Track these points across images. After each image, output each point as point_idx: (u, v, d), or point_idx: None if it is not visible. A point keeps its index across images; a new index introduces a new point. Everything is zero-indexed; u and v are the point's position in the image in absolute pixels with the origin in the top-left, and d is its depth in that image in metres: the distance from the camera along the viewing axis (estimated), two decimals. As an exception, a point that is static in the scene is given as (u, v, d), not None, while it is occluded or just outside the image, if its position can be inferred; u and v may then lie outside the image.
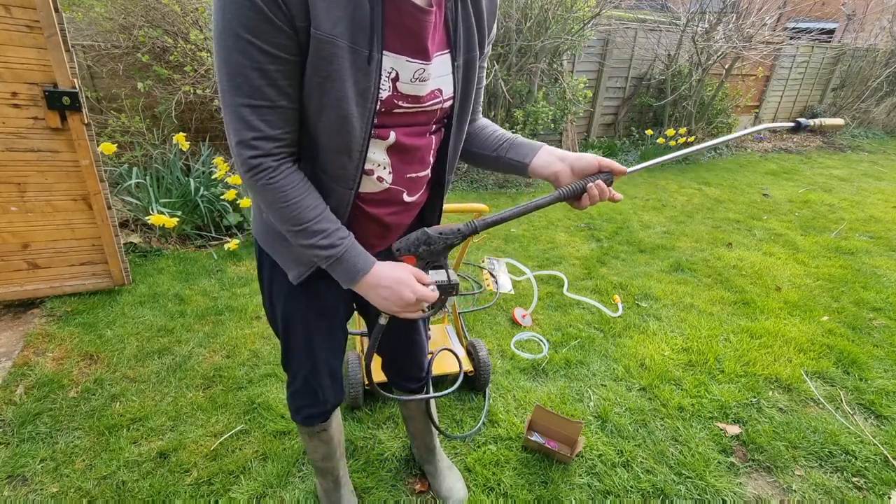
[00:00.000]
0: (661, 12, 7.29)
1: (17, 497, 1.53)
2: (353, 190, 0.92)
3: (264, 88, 0.77)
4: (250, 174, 0.84)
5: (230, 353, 2.22)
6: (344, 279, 0.93)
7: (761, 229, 4.09)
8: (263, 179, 0.84)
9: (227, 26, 0.73)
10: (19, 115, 2.12)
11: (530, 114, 4.64)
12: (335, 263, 0.91)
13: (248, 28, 0.73)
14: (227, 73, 0.77)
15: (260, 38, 0.73)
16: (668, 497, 1.64)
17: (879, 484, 1.71)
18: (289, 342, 1.17)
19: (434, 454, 1.64)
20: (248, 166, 0.83)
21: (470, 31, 0.92)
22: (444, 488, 1.59)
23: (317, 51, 0.77)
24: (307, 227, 0.88)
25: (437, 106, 0.93)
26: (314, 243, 0.89)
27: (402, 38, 0.83)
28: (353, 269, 0.92)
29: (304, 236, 0.88)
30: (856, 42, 8.78)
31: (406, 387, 1.44)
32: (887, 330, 2.64)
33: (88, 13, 3.43)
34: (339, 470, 1.47)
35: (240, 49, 0.74)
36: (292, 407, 1.30)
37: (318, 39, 0.76)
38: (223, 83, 0.78)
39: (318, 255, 0.90)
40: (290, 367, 1.23)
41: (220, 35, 0.74)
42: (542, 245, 3.59)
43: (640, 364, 2.29)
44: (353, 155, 0.88)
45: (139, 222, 3.26)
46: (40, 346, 2.18)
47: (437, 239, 0.95)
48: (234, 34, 0.73)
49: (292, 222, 0.87)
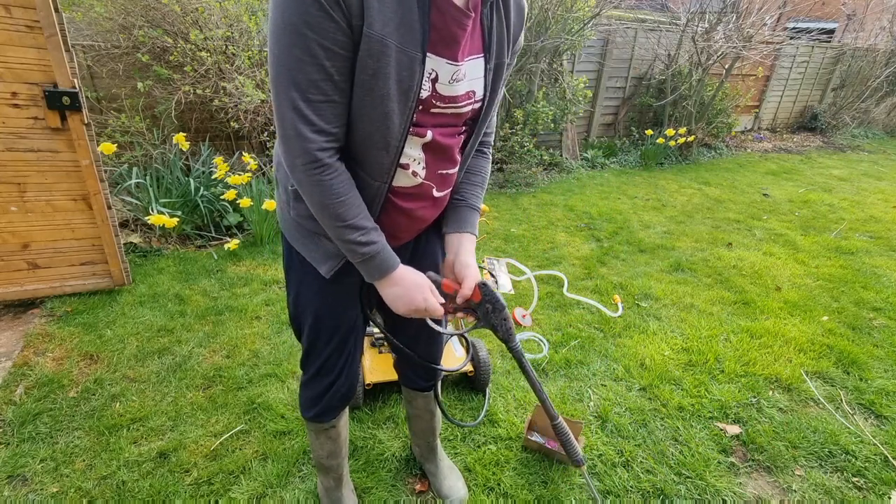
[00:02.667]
0: (661, 12, 7.29)
1: (17, 497, 1.53)
2: (387, 183, 0.97)
3: (321, 83, 0.81)
4: (309, 167, 0.86)
5: (230, 353, 2.22)
6: (372, 274, 0.99)
7: (761, 229, 4.09)
8: (319, 175, 0.87)
9: (288, 22, 0.76)
10: (19, 115, 2.12)
11: (530, 114, 4.64)
12: (369, 259, 0.96)
13: (309, 24, 0.76)
14: (286, 67, 0.79)
15: (320, 35, 0.77)
16: (668, 497, 1.64)
17: (879, 484, 1.71)
18: (317, 337, 1.18)
19: (435, 453, 1.64)
20: (310, 158, 0.85)
21: (501, 37, 0.97)
22: (444, 487, 1.60)
23: (367, 49, 0.80)
24: (351, 223, 0.92)
25: (469, 107, 0.98)
26: (354, 239, 0.94)
27: (444, 41, 0.87)
28: (383, 266, 0.98)
29: (347, 231, 0.93)
30: (856, 42, 8.77)
31: (417, 384, 1.46)
32: (887, 330, 2.64)
33: (88, 13, 3.42)
34: (342, 469, 1.48)
35: (300, 45, 0.77)
36: (305, 403, 1.30)
37: (370, 38, 0.79)
38: (280, 78, 0.80)
39: (355, 251, 0.95)
40: (311, 362, 1.24)
41: (279, 31, 0.77)
42: (542, 245, 3.59)
43: (640, 364, 2.29)
44: (390, 150, 0.92)
45: (139, 222, 3.26)
46: (40, 346, 2.18)
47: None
48: (294, 30, 0.76)
49: (339, 218, 0.92)
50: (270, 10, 0.79)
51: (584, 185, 5.09)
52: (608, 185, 5.17)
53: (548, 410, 1.24)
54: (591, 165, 5.82)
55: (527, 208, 4.33)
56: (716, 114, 6.50)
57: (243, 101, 3.43)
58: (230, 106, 3.53)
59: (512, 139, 4.74)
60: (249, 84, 3.39)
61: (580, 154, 5.97)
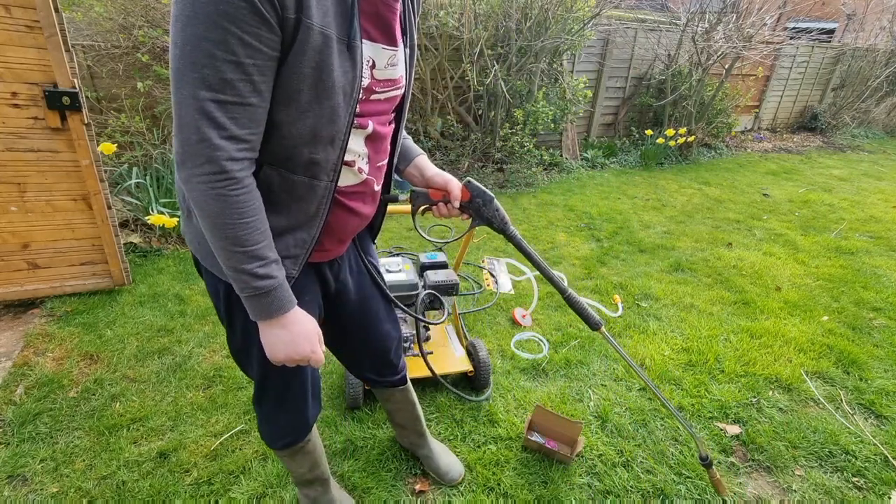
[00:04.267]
0: (661, 12, 7.29)
1: (17, 497, 1.53)
2: (333, 182, 0.91)
3: (237, 83, 0.72)
4: (213, 179, 0.75)
5: (230, 353, 2.22)
6: (262, 311, 0.86)
7: (761, 229, 4.09)
8: (224, 189, 0.76)
9: (202, 11, 0.67)
10: (19, 115, 2.12)
11: (530, 114, 4.64)
12: (262, 295, 0.85)
13: (227, 16, 0.67)
14: (192, 62, 0.69)
15: (241, 28, 0.68)
16: (668, 497, 1.64)
17: (879, 484, 1.71)
18: (271, 368, 1.02)
19: (426, 438, 1.67)
20: (215, 169, 0.75)
21: (411, 20, 0.99)
22: (442, 465, 1.63)
23: (307, 41, 0.74)
24: (250, 251, 0.81)
25: (399, 92, 0.98)
26: (251, 269, 0.82)
27: (377, 27, 0.87)
28: (275, 305, 0.86)
29: (245, 260, 0.81)
30: (856, 42, 8.77)
31: (388, 381, 1.45)
32: (887, 330, 2.64)
33: (88, 13, 3.43)
34: (327, 472, 1.45)
35: (214, 38, 0.68)
36: (272, 436, 1.24)
37: (310, 29, 0.74)
38: (184, 73, 0.70)
39: (247, 282, 0.83)
40: (268, 395, 1.16)
41: (188, 19, 0.68)
42: (542, 245, 3.59)
43: (640, 364, 2.29)
44: (335, 145, 0.87)
45: (139, 222, 3.26)
46: (40, 346, 2.18)
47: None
48: (209, 21, 0.67)
49: (238, 243, 0.80)
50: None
51: (584, 185, 5.09)
52: (608, 185, 5.17)
53: (556, 285, 1.29)
54: (591, 165, 5.82)
55: (527, 208, 4.33)
56: (716, 114, 6.50)
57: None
58: (230, 106, 3.52)
59: (512, 139, 4.74)
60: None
61: (580, 154, 5.97)
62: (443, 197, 1.17)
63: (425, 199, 1.18)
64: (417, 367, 1.91)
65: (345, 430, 1.82)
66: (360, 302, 1.24)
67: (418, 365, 1.91)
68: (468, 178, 1.16)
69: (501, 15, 4.48)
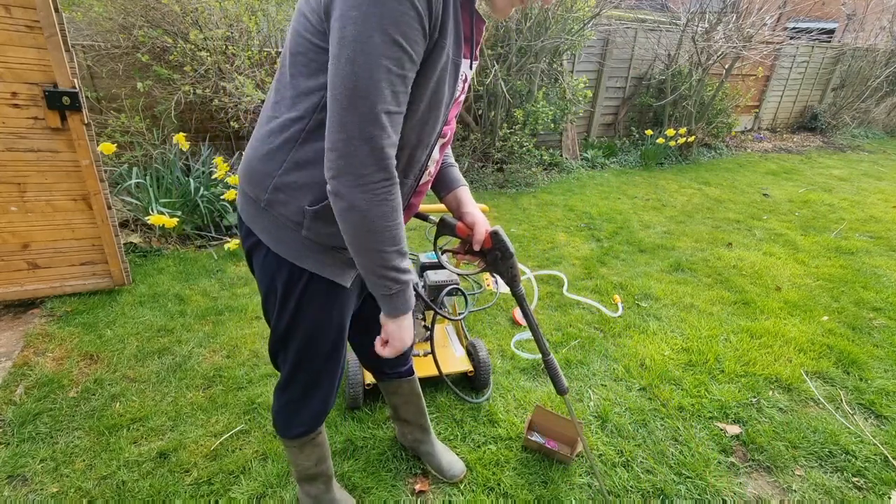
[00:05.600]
0: (661, 12, 7.29)
1: (17, 497, 1.53)
2: (417, 181, 1.00)
3: (401, 95, 0.79)
4: (382, 185, 0.82)
5: (230, 353, 2.22)
6: (396, 307, 0.95)
7: (761, 229, 4.09)
8: (388, 193, 0.83)
9: (378, 26, 0.72)
10: (19, 115, 2.12)
11: (530, 114, 4.64)
12: (401, 292, 0.93)
13: (403, 34, 0.73)
14: (370, 76, 0.74)
15: (411, 45, 0.75)
16: (668, 497, 1.64)
17: (879, 484, 1.71)
18: (313, 355, 1.13)
19: (429, 434, 1.68)
20: (386, 175, 0.82)
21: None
22: (444, 463, 1.65)
23: (438, 61, 0.82)
24: (401, 248, 0.89)
25: (463, 97, 1.03)
26: (399, 265, 0.90)
27: (468, 44, 0.93)
28: (409, 301, 0.96)
29: (396, 257, 0.89)
30: (856, 42, 8.77)
31: (397, 373, 1.49)
32: (887, 330, 2.64)
33: (88, 13, 3.43)
34: (331, 469, 1.45)
35: (390, 54, 0.74)
36: (289, 425, 1.26)
37: (443, 50, 0.81)
38: (362, 84, 0.75)
39: (395, 278, 0.90)
40: (297, 383, 1.19)
41: (368, 35, 0.72)
42: (542, 245, 3.59)
43: (640, 364, 2.29)
44: (428, 148, 0.96)
45: (139, 222, 3.26)
46: (40, 346, 2.18)
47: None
48: (386, 38, 0.72)
49: (394, 241, 0.87)
50: (350, 9, 0.73)
51: (584, 185, 5.09)
52: (608, 185, 5.17)
53: (541, 348, 1.33)
54: (591, 165, 5.82)
55: (527, 208, 4.33)
56: (716, 114, 6.50)
57: (243, 100, 3.43)
58: (230, 106, 3.53)
59: (512, 139, 4.74)
60: (249, 84, 3.39)
61: (580, 154, 5.97)
62: (467, 236, 1.16)
63: (451, 231, 1.18)
64: (418, 366, 1.91)
65: (345, 430, 1.82)
66: None
67: (419, 364, 1.91)
68: (497, 227, 1.15)
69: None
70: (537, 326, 1.29)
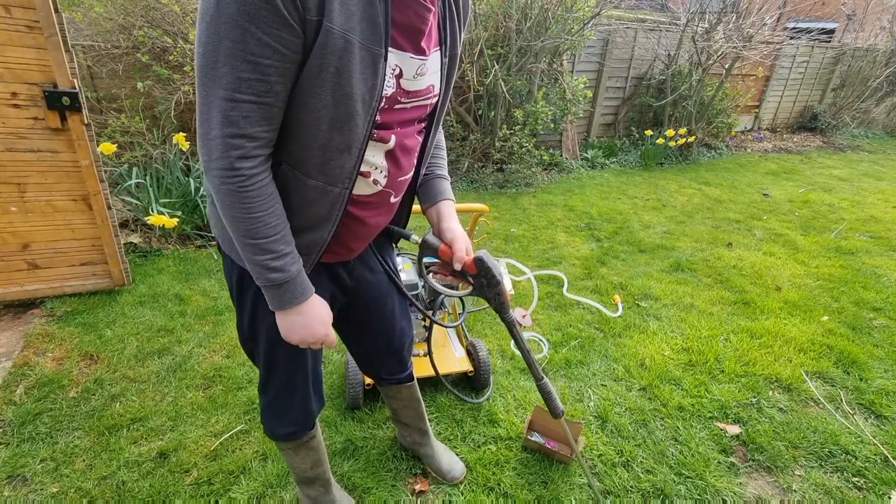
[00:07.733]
0: (661, 12, 7.29)
1: (17, 497, 1.53)
2: (348, 189, 0.91)
3: (254, 83, 0.73)
4: (226, 174, 0.79)
5: (230, 353, 2.22)
6: (278, 301, 0.91)
7: (761, 229, 4.09)
8: (236, 185, 0.79)
9: (224, 11, 0.68)
10: (19, 115, 2.12)
11: (530, 114, 4.64)
12: (276, 286, 0.89)
13: (249, 16, 0.68)
14: (212, 61, 0.72)
15: (261, 29, 0.69)
16: (668, 497, 1.64)
17: (879, 484, 1.71)
18: (277, 355, 1.11)
19: (428, 436, 1.68)
20: (227, 164, 0.78)
21: (454, 29, 0.95)
22: (444, 464, 1.64)
23: (326, 45, 0.74)
24: (261, 244, 0.85)
25: (429, 101, 0.96)
26: (262, 260, 0.86)
27: (407, 35, 0.84)
28: (288, 296, 0.90)
29: (255, 251, 0.85)
30: (856, 42, 8.77)
31: (397, 378, 1.47)
32: (887, 330, 2.64)
33: (88, 13, 3.43)
34: (328, 472, 1.45)
35: (234, 37, 0.69)
36: (275, 426, 1.24)
37: (331, 33, 0.74)
38: (205, 71, 0.73)
39: (262, 274, 0.87)
40: (273, 382, 1.18)
41: (212, 18, 0.69)
42: (542, 245, 3.59)
43: (640, 364, 2.29)
44: (352, 153, 0.86)
45: (139, 222, 3.26)
46: (40, 347, 2.18)
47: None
48: (230, 20, 0.68)
49: (250, 235, 0.84)
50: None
51: (584, 186, 5.09)
52: (608, 185, 5.17)
53: (534, 372, 1.30)
54: (591, 165, 5.82)
55: (527, 208, 4.33)
56: (716, 114, 6.50)
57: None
58: (230, 106, 3.52)
59: (512, 139, 4.74)
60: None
61: (580, 154, 5.97)
62: (449, 259, 1.09)
63: (434, 252, 1.11)
64: (418, 366, 1.91)
65: (345, 430, 1.82)
66: (377, 299, 1.26)
67: (419, 365, 1.91)
68: (483, 252, 1.08)
69: (501, 15, 4.48)
70: (529, 351, 1.26)
